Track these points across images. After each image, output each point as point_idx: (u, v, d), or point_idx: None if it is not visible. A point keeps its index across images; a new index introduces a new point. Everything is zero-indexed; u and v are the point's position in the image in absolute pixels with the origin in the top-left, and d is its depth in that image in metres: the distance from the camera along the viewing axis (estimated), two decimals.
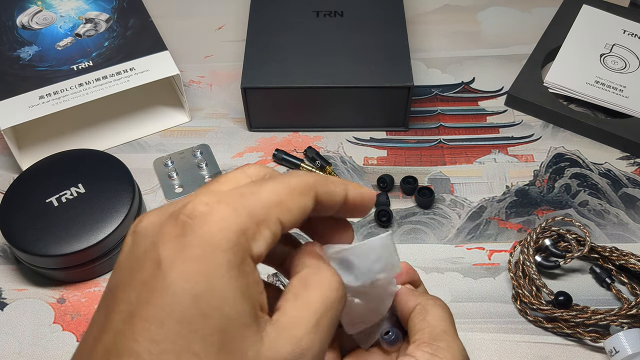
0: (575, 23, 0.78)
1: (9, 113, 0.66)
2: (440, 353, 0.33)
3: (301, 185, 0.29)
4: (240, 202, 0.27)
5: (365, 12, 0.76)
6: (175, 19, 0.86)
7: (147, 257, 0.26)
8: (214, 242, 0.26)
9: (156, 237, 0.27)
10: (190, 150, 0.71)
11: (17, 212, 0.61)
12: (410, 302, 0.36)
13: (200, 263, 0.25)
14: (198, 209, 0.26)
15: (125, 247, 0.28)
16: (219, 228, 0.26)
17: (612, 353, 0.53)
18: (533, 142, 0.72)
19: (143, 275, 0.26)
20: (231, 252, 0.26)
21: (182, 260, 0.25)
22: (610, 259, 0.60)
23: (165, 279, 0.25)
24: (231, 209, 0.27)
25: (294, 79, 0.69)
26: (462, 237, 0.64)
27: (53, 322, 0.59)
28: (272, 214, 0.28)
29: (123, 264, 0.28)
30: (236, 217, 0.27)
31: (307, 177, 0.30)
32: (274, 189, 0.28)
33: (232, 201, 0.27)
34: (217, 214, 0.26)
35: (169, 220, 0.27)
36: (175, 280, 0.25)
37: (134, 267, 0.27)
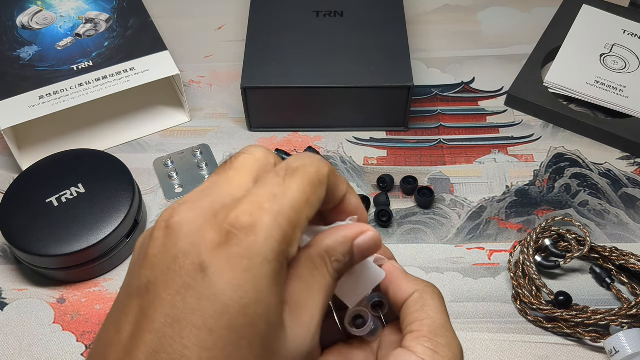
0: (575, 23, 0.78)
1: (9, 113, 0.66)
2: (442, 350, 0.33)
3: (319, 175, 0.30)
4: (278, 207, 0.28)
5: (365, 12, 0.76)
6: (175, 19, 0.86)
7: (188, 259, 0.27)
8: (261, 253, 0.27)
9: (197, 241, 0.27)
10: (190, 150, 0.71)
11: (17, 212, 0.61)
12: (406, 287, 0.36)
13: (248, 274, 0.26)
14: (242, 220, 0.27)
15: (156, 242, 0.28)
16: (264, 239, 0.27)
17: (612, 353, 0.53)
18: (533, 142, 0.72)
19: (185, 279, 0.26)
20: (275, 262, 0.27)
21: (230, 270, 0.26)
22: (610, 259, 0.60)
23: (213, 287, 0.26)
24: (272, 218, 0.27)
25: (294, 79, 0.69)
26: (462, 237, 0.64)
27: (53, 322, 0.60)
28: (303, 215, 0.29)
29: (157, 261, 0.28)
30: (278, 227, 0.27)
31: (322, 165, 0.30)
32: (301, 187, 0.29)
33: (270, 207, 0.27)
34: (262, 225, 0.27)
35: (212, 225, 0.27)
36: (224, 289, 0.26)
37: (171, 267, 0.27)
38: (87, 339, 0.58)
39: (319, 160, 0.31)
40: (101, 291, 0.61)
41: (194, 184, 0.69)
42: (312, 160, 0.31)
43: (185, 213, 0.28)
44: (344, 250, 0.32)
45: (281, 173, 0.29)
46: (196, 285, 0.26)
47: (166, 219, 0.28)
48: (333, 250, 0.32)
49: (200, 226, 0.27)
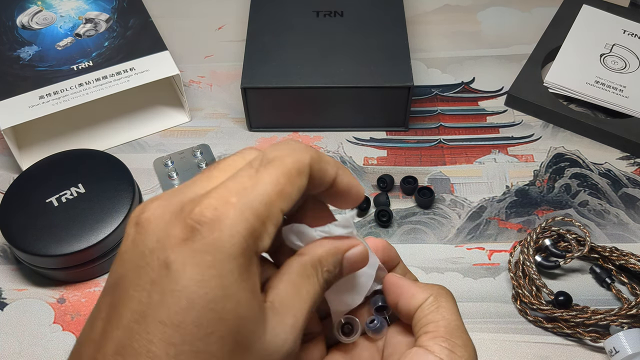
0: (575, 23, 0.78)
1: (9, 113, 0.66)
2: (458, 350, 0.33)
3: (298, 165, 0.29)
4: (245, 200, 0.27)
5: (365, 12, 0.76)
6: (175, 19, 0.86)
7: (154, 256, 0.27)
8: (225, 249, 0.26)
9: (163, 237, 0.27)
10: (190, 150, 0.71)
11: (17, 212, 0.61)
12: (419, 294, 0.36)
13: (213, 269, 0.26)
14: (206, 215, 0.26)
15: (127, 238, 0.28)
16: (229, 235, 0.26)
17: (612, 353, 0.53)
18: (533, 142, 0.72)
19: (151, 275, 0.26)
20: (242, 257, 0.27)
21: (194, 266, 0.26)
22: (610, 259, 0.60)
23: (178, 282, 0.26)
24: (238, 212, 0.27)
25: (294, 79, 0.69)
26: (462, 237, 0.64)
27: (53, 322, 0.60)
28: (275, 207, 0.28)
29: (127, 257, 0.28)
30: (244, 221, 0.27)
31: (303, 153, 0.30)
32: (274, 178, 0.28)
33: (237, 201, 0.27)
34: (226, 220, 0.26)
35: (176, 221, 0.27)
36: (189, 285, 0.26)
37: (139, 263, 0.27)
38: None
39: (299, 148, 0.30)
40: (101, 291, 0.61)
41: None
42: (291, 149, 0.30)
43: (155, 209, 0.28)
44: (335, 261, 0.32)
45: (255, 164, 0.29)
46: (161, 281, 0.26)
47: (137, 215, 0.29)
48: (325, 260, 0.32)
49: (167, 222, 0.27)
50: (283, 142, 0.30)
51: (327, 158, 0.31)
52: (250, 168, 0.29)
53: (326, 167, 0.31)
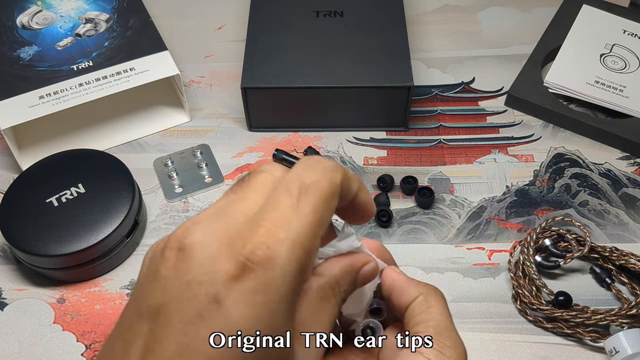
0: (575, 23, 0.78)
1: (9, 113, 0.66)
2: (447, 351, 0.33)
3: (332, 189, 0.29)
4: (294, 236, 0.27)
5: (365, 12, 0.76)
6: (175, 19, 0.86)
7: (202, 288, 0.26)
8: (278, 289, 0.26)
9: (212, 270, 0.26)
10: (190, 150, 0.71)
11: (17, 212, 0.61)
12: (411, 292, 0.36)
13: (265, 310, 0.26)
14: (259, 254, 0.26)
15: (168, 263, 0.28)
16: (282, 275, 0.26)
17: (612, 353, 0.53)
18: (533, 142, 0.72)
19: (199, 308, 0.26)
20: (291, 295, 0.27)
21: (246, 305, 0.26)
22: (610, 259, 0.60)
23: (228, 320, 0.26)
24: (289, 250, 0.27)
25: (294, 79, 0.69)
26: (462, 237, 0.64)
27: (53, 322, 0.59)
28: (317, 238, 0.28)
29: (170, 284, 0.27)
30: (295, 259, 0.27)
31: (335, 175, 0.30)
32: (314, 207, 0.28)
33: (286, 238, 0.27)
34: (278, 260, 0.26)
35: (227, 255, 0.27)
36: (239, 323, 0.26)
37: (185, 294, 0.27)
38: (87, 339, 0.58)
39: (331, 169, 0.30)
40: (101, 291, 0.61)
41: (194, 184, 0.69)
42: (325, 171, 0.30)
43: (200, 235, 0.28)
44: (351, 280, 0.33)
45: (294, 192, 0.28)
46: (210, 316, 0.26)
47: (179, 239, 0.28)
48: (342, 280, 0.32)
49: (215, 253, 0.27)
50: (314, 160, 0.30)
51: (350, 174, 0.31)
52: (289, 197, 0.28)
53: (350, 183, 0.31)
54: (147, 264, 0.29)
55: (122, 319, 0.29)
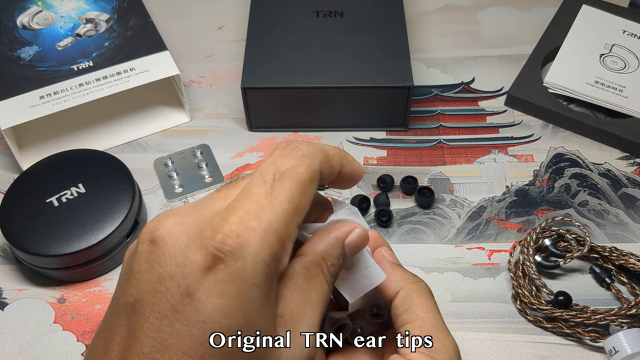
0: (575, 23, 0.79)
1: (9, 113, 0.66)
2: (437, 354, 0.32)
3: (310, 174, 0.29)
4: (265, 224, 0.26)
5: (365, 12, 0.76)
6: (175, 19, 0.86)
7: (174, 282, 0.26)
8: (249, 278, 0.26)
9: (183, 262, 0.26)
10: (190, 150, 0.71)
11: (17, 212, 0.61)
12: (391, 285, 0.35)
13: (237, 299, 0.26)
14: (228, 243, 0.26)
15: (140, 257, 0.27)
16: (253, 263, 0.26)
17: (612, 353, 0.53)
18: (533, 142, 0.72)
19: (172, 302, 0.26)
20: (264, 284, 0.26)
21: (218, 296, 0.25)
22: (610, 259, 0.60)
23: (201, 313, 0.25)
24: (260, 238, 0.26)
25: (294, 79, 0.69)
26: (462, 237, 0.64)
27: (53, 322, 0.60)
28: (293, 225, 0.27)
29: (143, 279, 0.27)
30: (267, 247, 0.26)
31: (313, 159, 0.29)
32: (289, 194, 0.27)
33: (258, 225, 0.26)
34: (249, 248, 0.26)
35: (196, 247, 0.26)
36: (213, 316, 0.25)
37: (158, 287, 0.26)
38: (88, 339, 0.58)
39: (309, 154, 0.29)
40: (101, 291, 0.61)
41: (194, 184, 0.69)
42: (303, 157, 0.29)
43: (171, 227, 0.27)
44: (337, 253, 0.32)
45: (268, 179, 0.28)
46: (183, 310, 0.26)
47: (151, 231, 0.27)
48: (327, 254, 0.31)
49: (186, 245, 0.26)
50: (291, 147, 0.29)
51: (331, 152, 0.30)
52: (263, 184, 0.28)
53: (332, 163, 0.30)
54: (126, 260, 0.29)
55: (104, 318, 0.29)
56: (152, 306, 0.26)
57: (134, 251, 0.28)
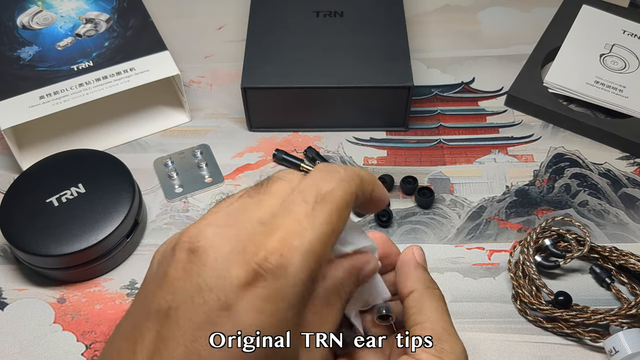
0: (575, 23, 0.78)
1: (9, 113, 0.66)
2: (446, 356, 0.32)
3: (347, 199, 0.29)
4: (307, 245, 0.27)
5: (365, 12, 0.76)
6: (175, 19, 0.86)
7: (213, 294, 0.26)
8: (288, 297, 0.26)
9: (224, 275, 0.26)
10: (190, 150, 0.71)
11: (17, 212, 0.61)
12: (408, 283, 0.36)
13: (273, 318, 0.26)
14: (271, 261, 0.26)
15: (178, 264, 0.27)
16: (293, 283, 0.26)
17: (612, 353, 0.53)
18: (533, 142, 0.72)
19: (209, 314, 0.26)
20: (300, 304, 0.27)
21: (256, 312, 0.26)
22: (610, 259, 0.60)
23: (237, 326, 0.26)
24: (302, 258, 0.27)
25: (294, 79, 0.69)
26: (462, 237, 0.64)
27: (53, 322, 0.60)
28: (329, 247, 0.28)
29: (179, 285, 0.27)
30: (307, 268, 0.27)
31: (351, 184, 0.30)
32: (329, 217, 0.28)
33: (300, 246, 0.27)
34: (290, 268, 0.26)
35: (239, 261, 0.26)
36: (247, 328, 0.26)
37: (195, 298, 0.26)
38: (88, 339, 0.58)
39: (347, 178, 0.30)
40: (101, 291, 0.61)
41: (194, 184, 0.69)
42: (341, 181, 0.29)
43: (212, 238, 0.27)
44: (355, 281, 0.33)
45: (309, 199, 0.28)
46: (220, 322, 0.26)
47: (191, 239, 0.28)
48: (346, 282, 0.32)
49: (227, 258, 0.27)
50: (330, 169, 0.30)
51: (366, 178, 0.31)
52: (305, 204, 0.28)
53: (366, 187, 0.31)
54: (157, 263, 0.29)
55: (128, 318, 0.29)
56: (187, 315, 0.26)
57: (169, 256, 0.28)
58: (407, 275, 0.36)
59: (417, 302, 0.35)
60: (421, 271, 0.37)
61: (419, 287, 0.35)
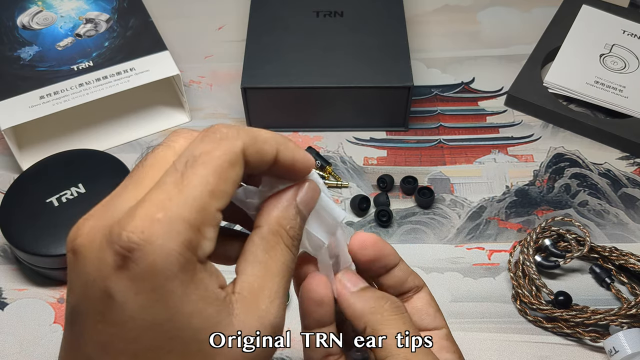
0: (575, 23, 0.79)
1: (9, 113, 0.66)
2: None
3: (229, 157, 0.27)
4: (173, 213, 0.26)
5: (365, 12, 0.76)
6: (175, 19, 0.86)
7: (96, 286, 0.26)
8: (162, 271, 0.25)
9: (99, 266, 0.26)
10: None
11: (17, 212, 0.61)
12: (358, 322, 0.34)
13: (154, 294, 0.25)
14: (134, 240, 0.25)
15: (70, 265, 0.28)
16: (163, 256, 0.25)
17: (612, 353, 0.53)
18: (533, 142, 0.72)
19: (98, 306, 0.26)
20: (182, 273, 0.26)
21: (135, 294, 0.25)
22: (610, 259, 0.60)
23: (124, 312, 0.26)
24: (167, 229, 0.25)
25: (294, 79, 0.69)
26: (462, 237, 0.64)
27: (53, 322, 0.60)
28: (209, 210, 0.27)
29: (74, 287, 0.27)
30: (175, 237, 0.26)
31: (233, 141, 0.28)
32: (202, 179, 0.26)
33: (164, 216, 0.25)
34: (157, 241, 0.25)
35: (107, 247, 0.26)
36: (134, 313, 0.26)
37: (86, 293, 0.27)
38: None
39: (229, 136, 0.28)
40: None
41: None
42: (219, 139, 0.28)
43: (87, 233, 0.27)
44: (293, 214, 0.31)
45: (180, 166, 0.27)
46: (109, 312, 0.26)
47: (71, 240, 0.27)
48: (283, 219, 0.30)
49: (99, 247, 0.26)
50: (210, 131, 0.28)
51: (264, 136, 0.29)
52: (175, 172, 0.27)
53: (263, 147, 0.29)
54: None
55: None
56: (85, 311, 0.27)
57: None
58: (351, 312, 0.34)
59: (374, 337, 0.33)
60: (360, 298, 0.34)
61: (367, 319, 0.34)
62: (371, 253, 0.36)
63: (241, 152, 0.28)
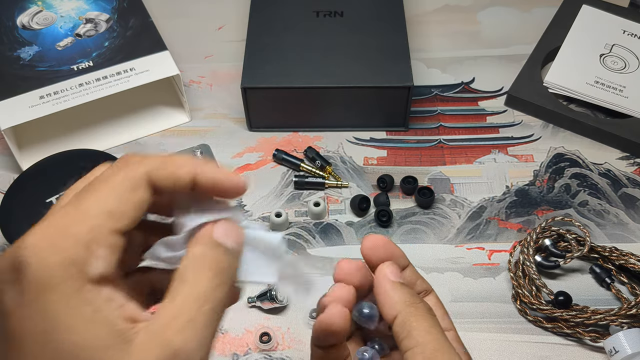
0: (575, 23, 0.78)
1: (9, 113, 0.66)
2: None
3: (128, 181, 0.28)
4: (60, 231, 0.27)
5: (365, 12, 0.76)
6: (175, 19, 0.86)
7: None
8: (43, 282, 0.26)
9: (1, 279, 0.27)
10: (190, 150, 0.71)
11: (17, 212, 0.61)
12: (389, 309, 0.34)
13: (37, 303, 0.26)
14: (24, 253, 0.26)
15: None
16: (44, 270, 0.26)
17: (612, 353, 0.53)
18: (533, 142, 0.72)
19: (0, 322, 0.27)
20: (63, 286, 0.26)
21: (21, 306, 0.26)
22: (610, 259, 0.60)
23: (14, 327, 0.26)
24: (50, 243, 0.27)
25: (294, 79, 0.69)
26: (462, 237, 0.64)
27: None
28: (102, 230, 0.27)
29: None
30: (60, 251, 0.26)
31: (136, 167, 0.29)
32: (99, 200, 0.28)
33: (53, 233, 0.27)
34: (41, 253, 0.26)
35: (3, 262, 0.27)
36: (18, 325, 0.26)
37: None
38: None
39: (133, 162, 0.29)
40: None
41: None
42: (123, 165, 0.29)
43: None
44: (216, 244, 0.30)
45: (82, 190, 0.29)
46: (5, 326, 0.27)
47: None
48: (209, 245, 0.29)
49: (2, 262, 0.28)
50: (119, 159, 0.30)
51: (177, 162, 0.29)
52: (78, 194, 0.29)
53: (177, 172, 0.29)
54: None
55: None
56: None
57: None
58: (386, 299, 0.34)
59: (403, 326, 0.33)
60: (398, 290, 0.34)
61: (401, 308, 0.34)
62: (382, 254, 0.36)
63: (143, 177, 0.29)
